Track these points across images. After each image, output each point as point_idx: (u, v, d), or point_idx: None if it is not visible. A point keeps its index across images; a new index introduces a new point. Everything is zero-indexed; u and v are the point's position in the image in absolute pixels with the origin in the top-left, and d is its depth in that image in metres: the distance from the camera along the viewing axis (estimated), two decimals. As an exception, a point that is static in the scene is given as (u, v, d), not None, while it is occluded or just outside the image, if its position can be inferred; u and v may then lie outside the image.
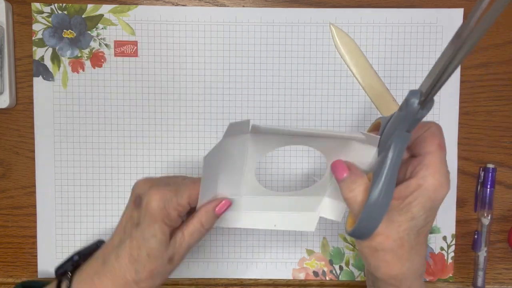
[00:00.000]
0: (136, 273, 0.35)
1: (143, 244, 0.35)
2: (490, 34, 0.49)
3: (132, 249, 0.35)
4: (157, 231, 0.35)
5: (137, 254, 0.35)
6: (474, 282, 0.49)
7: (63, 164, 0.49)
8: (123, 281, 0.35)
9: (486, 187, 0.49)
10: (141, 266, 0.35)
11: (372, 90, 0.49)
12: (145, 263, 0.35)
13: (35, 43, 0.48)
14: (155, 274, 0.36)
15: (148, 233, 0.35)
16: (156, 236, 0.35)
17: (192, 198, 0.36)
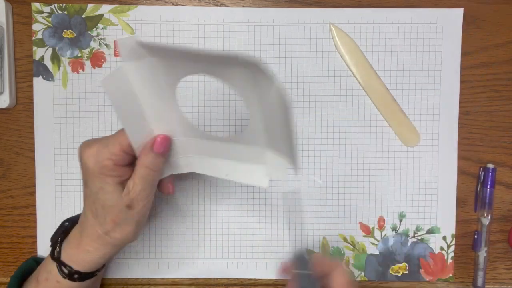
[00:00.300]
0: (101, 225, 0.38)
1: (95, 198, 0.37)
2: (490, 34, 0.49)
3: (91, 206, 0.38)
4: (102, 183, 0.36)
5: (95, 208, 0.37)
6: (474, 282, 0.49)
7: (63, 164, 0.49)
8: (96, 235, 0.38)
9: (486, 187, 0.49)
10: (102, 218, 0.37)
11: (372, 90, 0.49)
12: (104, 215, 0.37)
13: (35, 43, 0.48)
14: (118, 222, 0.37)
15: (94, 188, 0.37)
16: (103, 188, 0.36)
17: (123, 144, 0.36)
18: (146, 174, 0.37)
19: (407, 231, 0.50)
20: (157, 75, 0.35)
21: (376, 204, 0.49)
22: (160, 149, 0.37)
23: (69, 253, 0.39)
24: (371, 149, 0.49)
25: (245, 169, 0.39)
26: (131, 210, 0.37)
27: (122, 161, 0.37)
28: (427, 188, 0.49)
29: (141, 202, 0.37)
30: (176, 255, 0.50)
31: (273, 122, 0.35)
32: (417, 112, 0.49)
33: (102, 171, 0.36)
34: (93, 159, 0.36)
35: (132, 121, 0.36)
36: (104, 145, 0.36)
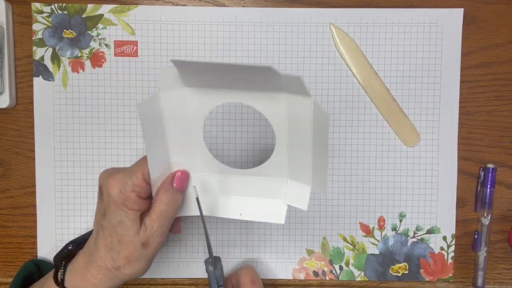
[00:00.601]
0: (114, 260, 0.37)
1: (113, 231, 0.36)
2: (490, 34, 0.49)
3: (106, 238, 0.37)
4: (122, 216, 0.36)
5: (110, 242, 0.36)
6: (474, 282, 0.49)
7: (63, 164, 0.49)
8: (106, 269, 0.37)
9: (486, 187, 0.49)
10: (116, 253, 0.36)
11: (372, 90, 0.49)
12: (119, 249, 0.36)
13: (35, 43, 0.48)
14: (132, 259, 0.37)
15: (114, 221, 0.36)
16: (122, 222, 0.36)
17: (146, 175, 0.36)
18: (165, 211, 0.36)
19: (407, 231, 0.50)
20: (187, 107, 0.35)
21: (376, 204, 0.49)
22: (180, 185, 0.37)
23: (74, 282, 0.38)
24: (371, 149, 0.49)
25: (260, 205, 0.38)
26: (146, 248, 0.37)
27: (144, 193, 0.36)
28: (427, 188, 0.49)
29: (157, 240, 0.37)
30: (176, 255, 0.50)
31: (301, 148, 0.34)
32: (417, 112, 0.49)
33: (125, 203, 0.35)
34: (118, 190, 0.35)
35: (155, 150, 0.35)
36: (128, 176, 0.36)
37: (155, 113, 0.34)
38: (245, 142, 0.49)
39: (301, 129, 0.34)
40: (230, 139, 0.49)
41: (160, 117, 0.35)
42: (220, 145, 0.49)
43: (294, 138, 0.35)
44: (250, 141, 0.49)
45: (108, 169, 0.38)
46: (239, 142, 0.49)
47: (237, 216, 0.38)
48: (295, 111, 0.33)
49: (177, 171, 0.37)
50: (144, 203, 0.36)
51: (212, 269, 0.40)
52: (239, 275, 0.43)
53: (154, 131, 0.35)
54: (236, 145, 0.49)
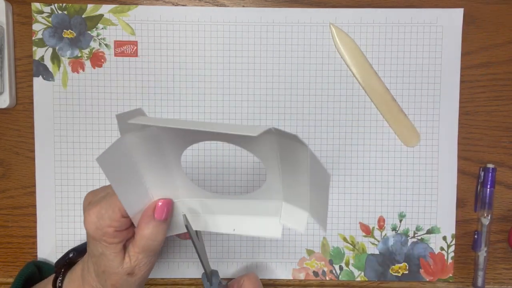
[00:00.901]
0: (103, 286, 0.36)
1: (96, 261, 0.35)
2: (490, 34, 0.49)
3: (93, 265, 0.36)
4: (103, 249, 0.34)
5: (97, 269, 0.36)
6: (474, 282, 0.49)
7: (63, 164, 0.49)
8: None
9: (486, 187, 0.49)
10: (103, 281, 0.36)
11: (372, 90, 0.49)
12: (105, 278, 0.35)
13: (35, 43, 0.48)
14: (119, 287, 0.36)
15: (96, 252, 0.35)
16: (103, 254, 0.34)
17: (123, 210, 0.33)
18: (147, 245, 0.34)
19: (407, 231, 0.50)
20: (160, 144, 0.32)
21: (376, 204, 0.49)
22: (161, 216, 0.34)
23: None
24: (371, 149, 0.49)
25: (255, 222, 0.36)
26: (133, 277, 0.35)
27: (124, 226, 0.34)
28: (427, 188, 0.49)
29: (143, 268, 0.36)
30: (176, 255, 0.50)
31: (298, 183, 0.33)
32: (417, 112, 0.49)
33: (103, 239, 0.34)
34: (94, 226, 0.33)
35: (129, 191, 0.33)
36: (105, 209, 0.33)
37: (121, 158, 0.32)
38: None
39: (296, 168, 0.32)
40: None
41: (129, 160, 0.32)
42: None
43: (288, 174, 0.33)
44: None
45: (90, 193, 0.36)
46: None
47: (230, 231, 0.36)
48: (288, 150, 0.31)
49: (158, 200, 0.35)
50: (126, 233, 0.35)
51: (209, 285, 0.39)
52: (241, 284, 0.42)
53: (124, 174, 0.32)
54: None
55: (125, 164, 0.32)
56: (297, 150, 0.30)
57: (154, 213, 0.34)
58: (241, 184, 0.49)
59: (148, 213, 0.34)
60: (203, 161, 0.49)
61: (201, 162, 0.49)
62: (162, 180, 0.34)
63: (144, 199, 0.35)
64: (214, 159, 0.49)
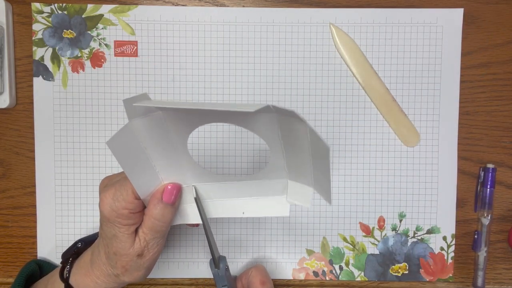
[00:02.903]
0: (113, 268, 0.37)
1: (108, 243, 0.37)
2: (490, 34, 0.49)
3: (105, 247, 0.37)
4: (116, 231, 0.36)
5: (108, 251, 0.37)
6: (474, 282, 0.49)
7: (63, 164, 0.49)
8: (106, 273, 0.38)
9: (486, 187, 0.49)
10: (114, 262, 0.37)
11: (372, 90, 0.49)
12: (115, 259, 0.37)
13: (35, 43, 0.48)
14: (129, 268, 0.37)
15: (109, 234, 0.36)
16: (116, 236, 0.36)
17: (136, 192, 0.35)
18: (155, 226, 0.36)
19: (407, 231, 0.50)
20: (166, 128, 0.34)
21: (376, 204, 0.49)
22: (169, 199, 0.36)
23: (78, 279, 0.39)
24: (371, 149, 0.49)
25: (263, 203, 0.38)
26: (142, 258, 0.37)
27: (137, 208, 0.36)
28: (427, 188, 0.49)
29: (152, 250, 0.37)
30: (176, 255, 0.50)
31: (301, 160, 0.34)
32: (417, 112, 0.49)
33: (117, 220, 0.35)
34: (109, 207, 0.35)
35: (139, 175, 0.34)
36: (119, 191, 0.35)
37: (131, 142, 0.33)
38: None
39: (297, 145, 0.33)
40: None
41: (138, 145, 0.33)
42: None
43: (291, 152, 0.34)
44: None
45: (106, 178, 0.38)
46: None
47: (239, 215, 0.38)
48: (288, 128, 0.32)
49: (167, 184, 0.36)
50: (138, 216, 0.36)
51: (216, 270, 0.39)
52: (249, 275, 0.43)
53: (134, 159, 0.34)
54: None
55: (134, 148, 0.33)
56: (297, 127, 0.31)
57: (162, 196, 0.36)
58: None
59: (157, 196, 0.36)
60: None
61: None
62: (171, 164, 0.36)
63: (154, 181, 0.36)
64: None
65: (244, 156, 0.49)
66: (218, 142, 0.49)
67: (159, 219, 0.36)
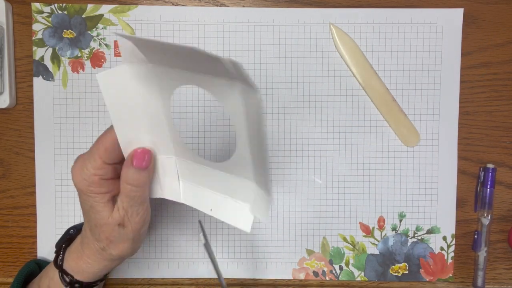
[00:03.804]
0: (98, 241, 0.37)
1: (87, 216, 0.36)
2: (490, 34, 0.49)
3: (87, 222, 0.37)
4: (91, 202, 0.35)
5: (90, 225, 0.37)
6: (474, 282, 0.49)
7: (63, 164, 0.49)
8: (95, 249, 0.38)
9: (486, 187, 0.49)
10: (97, 235, 0.36)
11: (372, 90, 0.49)
12: (98, 232, 0.36)
13: (35, 43, 0.48)
14: (113, 240, 0.36)
15: (86, 206, 0.36)
16: (92, 206, 0.35)
17: (104, 156, 0.34)
18: (129, 191, 0.35)
19: (407, 231, 0.50)
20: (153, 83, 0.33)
21: (376, 204, 0.49)
22: (140, 164, 0.34)
23: (71, 263, 0.39)
24: (371, 149, 0.49)
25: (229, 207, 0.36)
26: (124, 229, 0.36)
27: (109, 174, 0.35)
28: (427, 188, 0.49)
29: (132, 220, 0.36)
30: (176, 255, 0.50)
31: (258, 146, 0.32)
32: (417, 112, 0.49)
33: (89, 189, 0.35)
34: (79, 177, 0.34)
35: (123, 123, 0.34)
36: (87, 160, 0.34)
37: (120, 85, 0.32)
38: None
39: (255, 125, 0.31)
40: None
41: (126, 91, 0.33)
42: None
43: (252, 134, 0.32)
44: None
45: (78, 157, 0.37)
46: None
47: (207, 211, 0.37)
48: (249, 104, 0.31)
49: (137, 148, 0.34)
50: (111, 184, 0.35)
51: None
52: None
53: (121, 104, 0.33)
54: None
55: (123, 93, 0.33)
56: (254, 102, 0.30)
57: (133, 161, 0.34)
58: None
59: (128, 160, 0.35)
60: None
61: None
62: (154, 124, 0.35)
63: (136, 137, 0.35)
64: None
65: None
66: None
67: (132, 183, 0.34)
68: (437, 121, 0.49)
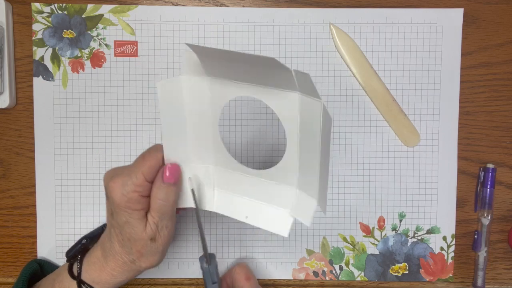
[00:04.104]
0: (128, 254, 0.38)
1: (121, 230, 0.38)
2: (490, 34, 0.49)
3: (118, 235, 0.38)
4: (127, 217, 0.37)
5: (122, 239, 0.38)
6: (474, 282, 0.49)
7: (63, 164, 0.49)
8: (122, 261, 0.39)
9: (486, 187, 0.49)
10: (129, 249, 0.38)
11: (372, 90, 0.49)
12: (130, 246, 0.38)
13: (35, 43, 0.48)
14: (144, 253, 0.38)
15: (121, 221, 0.37)
16: (128, 222, 0.37)
17: (146, 173, 0.36)
18: (161, 206, 0.37)
19: (407, 231, 0.50)
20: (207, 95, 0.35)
21: (376, 204, 0.49)
22: (170, 179, 0.36)
23: (92, 274, 0.40)
24: (371, 149, 0.49)
25: (266, 213, 0.38)
26: (155, 243, 0.38)
27: (147, 191, 0.37)
28: (427, 188, 0.49)
29: (163, 233, 0.38)
30: (176, 255, 0.50)
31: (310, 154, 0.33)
32: (417, 112, 0.49)
33: (128, 205, 0.36)
34: (119, 192, 0.36)
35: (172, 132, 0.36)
36: (128, 177, 0.36)
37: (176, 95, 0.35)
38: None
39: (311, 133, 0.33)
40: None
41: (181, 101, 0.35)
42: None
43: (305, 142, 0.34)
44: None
45: (110, 170, 0.38)
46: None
47: (242, 219, 0.38)
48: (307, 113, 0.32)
49: (167, 164, 0.37)
50: (147, 201, 0.37)
51: (207, 266, 0.40)
52: (233, 273, 0.43)
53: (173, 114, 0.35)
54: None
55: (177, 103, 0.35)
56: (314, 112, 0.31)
57: (163, 177, 0.36)
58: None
59: (159, 177, 0.36)
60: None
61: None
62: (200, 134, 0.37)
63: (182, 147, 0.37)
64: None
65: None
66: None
67: (163, 199, 0.36)
68: (437, 121, 0.49)
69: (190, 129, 0.37)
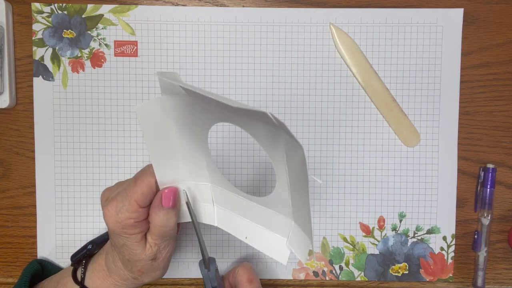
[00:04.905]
0: (130, 272, 0.39)
1: (121, 252, 0.37)
2: (490, 34, 0.49)
3: (119, 255, 0.38)
4: (125, 241, 0.36)
5: (122, 258, 0.38)
6: (474, 282, 0.49)
7: (63, 164, 0.49)
8: (125, 277, 0.39)
9: (486, 187, 0.49)
10: (130, 268, 0.38)
11: (372, 90, 0.49)
12: (131, 265, 0.38)
13: (35, 43, 0.48)
14: (145, 271, 0.38)
15: (118, 244, 0.37)
16: (126, 244, 0.36)
17: (140, 200, 0.34)
18: (161, 232, 0.36)
19: (407, 231, 0.50)
20: (191, 115, 0.33)
21: (376, 204, 0.49)
22: (168, 203, 0.35)
23: (95, 281, 0.40)
24: (371, 149, 0.49)
25: (266, 237, 0.36)
26: (156, 261, 0.38)
27: (142, 216, 0.35)
28: (427, 188, 0.49)
29: (164, 252, 0.38)
30: (176, 255, 0.50)
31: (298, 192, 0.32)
32: (417, 112, 0.49)
33: (124, 231, 0.35)
34: (113, 220, 0.35)
35: (161, 155, 0.34)
36: (122, 203, 0.35)
37: (158, 117, 0.33)
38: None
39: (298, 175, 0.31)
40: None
41: (164, 122, 0.33)
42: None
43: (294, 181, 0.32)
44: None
45: (106, 191, 0.38)
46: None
47: (242, 238, 0.37)
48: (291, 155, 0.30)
49: (164, 189, 0.35)
50: (144, 224, 0.36)
51: (206, 271, 0.40)
52: (236, 274, 0.43)
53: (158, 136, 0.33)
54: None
55: (161, 125, 0.33)
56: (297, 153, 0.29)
57: (161, 202, 0.35)
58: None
59: (156, 203, 0.35)
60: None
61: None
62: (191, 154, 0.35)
63: (173, 169, 0.35)
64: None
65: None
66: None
67: (164, 225, 0.35)
68: (437, 121, 0.49)
69: (179, 150, 0.35)
